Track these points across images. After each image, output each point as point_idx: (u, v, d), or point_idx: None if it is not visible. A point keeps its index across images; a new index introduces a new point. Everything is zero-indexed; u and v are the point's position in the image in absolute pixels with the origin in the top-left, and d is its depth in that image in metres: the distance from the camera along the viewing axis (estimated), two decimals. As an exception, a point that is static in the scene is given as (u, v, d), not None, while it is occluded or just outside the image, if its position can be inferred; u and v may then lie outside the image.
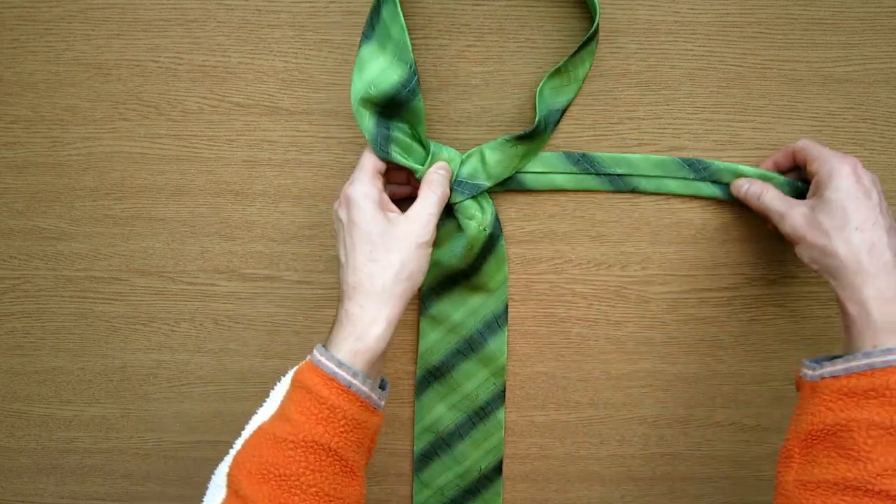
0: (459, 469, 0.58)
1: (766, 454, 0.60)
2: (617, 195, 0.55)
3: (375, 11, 0.48)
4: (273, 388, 0.46)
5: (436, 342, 0.56)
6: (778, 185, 0.52)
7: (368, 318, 0.44)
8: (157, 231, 0.56)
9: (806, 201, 0.48)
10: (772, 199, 0.50)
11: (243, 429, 0.45)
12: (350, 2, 0.52)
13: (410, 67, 0.47)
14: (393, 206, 0.49)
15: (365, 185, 0.47)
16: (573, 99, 0.53)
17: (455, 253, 0.53)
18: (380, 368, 0.47)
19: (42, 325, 0.58)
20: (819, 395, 0.42)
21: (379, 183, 0.48)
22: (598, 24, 0.50)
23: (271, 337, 0.58)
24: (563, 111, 0.53)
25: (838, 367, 0.42)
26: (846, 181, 0.45)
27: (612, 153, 0.54)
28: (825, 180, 0.46)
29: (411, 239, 0.46)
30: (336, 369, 0.43)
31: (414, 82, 0.47)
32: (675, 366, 0.58)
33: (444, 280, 0.55)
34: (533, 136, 0.51)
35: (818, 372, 0.43)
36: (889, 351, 0.41)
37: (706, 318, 0.57)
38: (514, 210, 0.56)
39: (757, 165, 0.54)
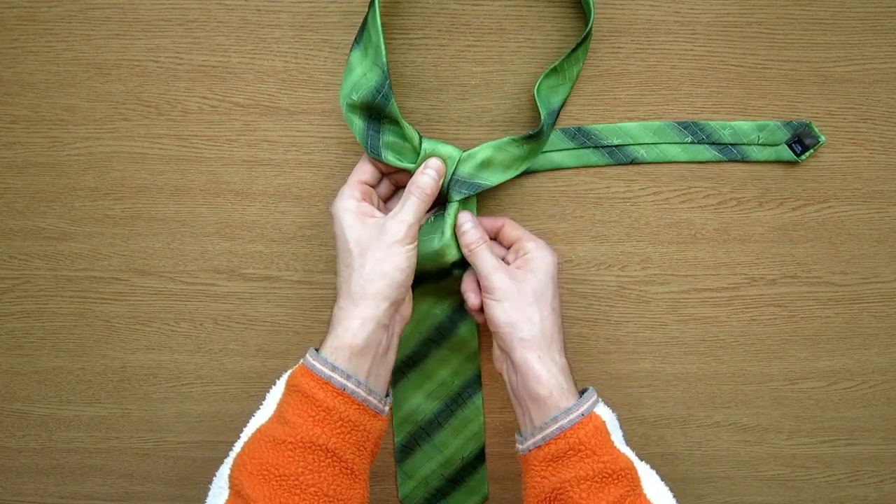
0: (441, 458, 0.58)
1: (766, 454, 0.60)
2: (619, 195, 0.55)
3: (367, 15, 0.48)
4: (269, 392, 0.47)
5: (406, 333, 0.55)
6: (770, 131, 0.54)
7: (345, 318, 0.46)
8: (157, 231, 0.56)
9: (509, 269, 0.50)
10: (483, 255, 0.50)
11: (242, 431, 0.46)
12: (350, 2, 0.52)
13: (383, 72, 0.48)
14: (377, 213, 0.49)
15: (343, 199, 0.49)
16: (567, 98, 0.53)
17: (429, 246, 0.51)
18: (382, 374, 0.48)
19: (42, 325, 0.58)
20: (531, 467, 0.47)
21: (358, 193, 0.49)
22: (591, 26, 0.50)
23: (271, 337, 0.58)
24: (559, 111, 0.53)
25: (537, 437, 0.46)
26: (554, 269, 0.51)
27: (607, 124, 0.54)
28: (533, 263, 0.50)
29: (384, 240, 0.47)
30: (330, 373, 0.45)
31: (386, 87, 0.48)
32: (675, 366, 0.58)
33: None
34: (538, 137, 0.51)
35: (525, 446, 0.48)
36: (568, 410, 0.46)
37: (706, 318, 0.57)
38: (514, 210, 0.56)
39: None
